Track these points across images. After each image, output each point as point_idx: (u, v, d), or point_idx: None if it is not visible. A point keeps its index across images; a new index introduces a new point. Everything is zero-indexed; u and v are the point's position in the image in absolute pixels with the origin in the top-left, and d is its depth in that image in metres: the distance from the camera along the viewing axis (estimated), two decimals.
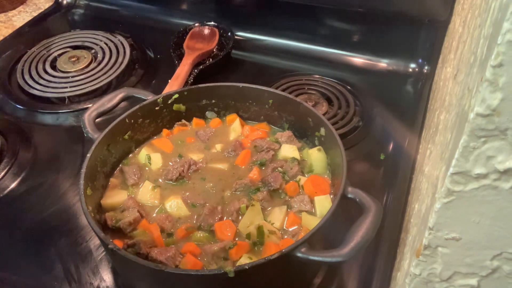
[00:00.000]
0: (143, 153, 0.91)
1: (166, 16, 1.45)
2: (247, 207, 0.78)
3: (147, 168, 0.89)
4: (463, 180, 0.42)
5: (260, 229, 0.74)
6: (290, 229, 0.77)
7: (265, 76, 1.20)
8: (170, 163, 0.89)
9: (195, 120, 0.98)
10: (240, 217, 0.79)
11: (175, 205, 0.81)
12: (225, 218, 0.79)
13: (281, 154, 0.89)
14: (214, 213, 0.79)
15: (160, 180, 0.86)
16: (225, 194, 0.83)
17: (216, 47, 1.30)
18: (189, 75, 1.18)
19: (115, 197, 0.82)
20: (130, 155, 0.91)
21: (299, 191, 0.82)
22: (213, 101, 0.97)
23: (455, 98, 0.58)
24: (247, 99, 0.96)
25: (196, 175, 0.87)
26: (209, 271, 0.64)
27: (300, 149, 0.90)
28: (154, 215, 0.80)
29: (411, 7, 1.16)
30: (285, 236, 0.76)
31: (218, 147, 0.93)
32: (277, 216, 0.78)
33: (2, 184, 0.98)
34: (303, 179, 0.84)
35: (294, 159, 0.87)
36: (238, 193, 0.83)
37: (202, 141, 0.94)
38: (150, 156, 0.90)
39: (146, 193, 0.83)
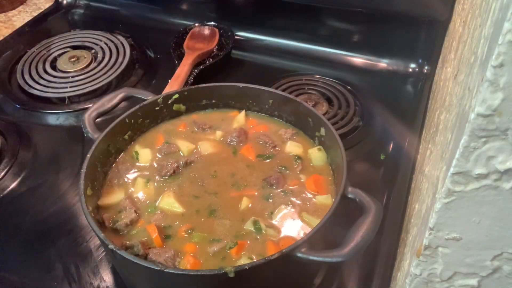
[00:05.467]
0: (133, 149, 0.91)
1: (166, 16, 1.45)
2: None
3: (137, 164, 0.89)
4: (463, 180, 0.42)
5: (256, 223, 0.75)
6: (290, 229, 0.77)
7: (265, 76, 1.20)
8: (158, 155, 0.89)
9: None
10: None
11: (170, 202, 0.80)
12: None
13: (286, 150, 0.89)
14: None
15: (157, 177, 0.86)
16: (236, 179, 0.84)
17: (216, 47, 1.30)
18: (189, 75, 1.18)
19: (112, 197, 0.82)
20: (122, 153, 0.90)
21: (300, 190, 0.82)
22: (213, 101, 0.97)
23: (455, 98, 0.58)
24: (247, 99, 0.96)
25: (192, 166, 0.87)
26: (209, 271, 0.64)
27: None
28: (149, 210, 0.80)
29: (411, 7, 1.16)
30: (285, 236, 0.76)
31: (219, 134, 0.93)
32: (278, 215, 0.78)
33: (2, 184, 0.98)
34: (304, 178, 0.84)
35: (298, 157, 0.87)
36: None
37: (198, 128, 0.94)
38: (138, 151, 0.89)
39: (139, 190, 0.83)
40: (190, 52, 1.24)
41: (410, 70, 1.23)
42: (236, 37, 1.32)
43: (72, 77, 1.24)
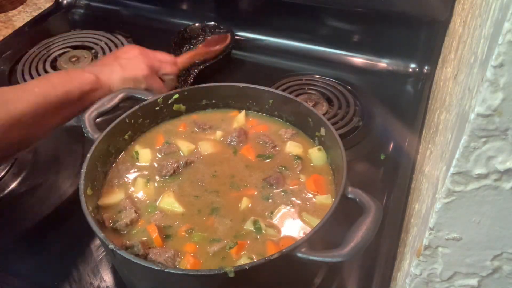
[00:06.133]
0: (133, 149, 0.91)
1: (166, 16, 1.45)
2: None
3: (137, 164, 0.89)
4: (463, 180, 0.42)
5: (256, 223, 0.75)
6: (290, 229, 0.77)
7: (265, 76, 1.20)
8: (158, 155, 0.89)
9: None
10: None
11: (170, 201, 0.80)
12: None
13: (286, 150, 0.89)
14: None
15: (157, 177, 0.85)
16: (234, 180, 0.84)
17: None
18: (189, 75, 1.18)
19: (112, 197, 0.82)
20: (122, 153, 0.90)
21: (300, 190, 0.82)
22: (213, 101, 0.97)
23: (455, 98, 0.58)
24: (247, 99, 0.96)
25: (192, 166, 0.87)
26: (209, 271, 0.64)
27: None
28: (149, 210, 0.80)
29: (411, 7, 1.16)
30: (285, 236, 0.76)
31: (219, 134, 0.93)
32: (278, 215, 0.78)
33: (2, 184, 0.98)
34: (304, 178, 0.84)
35: (298, 157, 0.87)
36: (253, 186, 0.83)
37: (199, 128, 0.94)
38: (138, 151, 0.89)
39: (139, 190, 0.83)
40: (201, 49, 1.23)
41: (410, 70, 1.23)
42: (236, 37, 1.31)
43: None
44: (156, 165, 0.87)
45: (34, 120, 0.82)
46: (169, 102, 0.94)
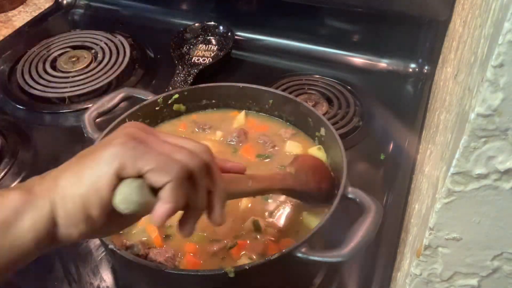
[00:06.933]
0: None
1: (166, 16, 1.45)
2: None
3: None
4: (463, 180, 0.42)
5: (256, 223, 0.75)
6: (290, 229, 0.77)
7: (265, 76, 1.20)
8: None
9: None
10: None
11: None
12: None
13: (285, 150, 0.89)
14: None
15: None
16: None
17: (216, 47, 1.30)
18: (189, 75, 1.18)
19: None
20: None
21: None
22: (213, 101, 0.97)
23: (455, 98, 0.58)
24: (247, 99, 0.96)
25: None
26: (209, 271, 0.64)
27: None
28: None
29: (411, 7, 1.16)
30: (285, 236, 0.76)
31: (219, 134, 0.93)
32: (278, 214, 0.78)
33: (2, 184, 0.98)
34: None
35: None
36: None
37: (199, 128, 0.94)
38: None
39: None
40: None
41: (410, 70, 1.23)
42: (236, 37, 1.31)
43: (72, 77, 1.24)
44: None
45: None
46: (169, 102, 0.94)
